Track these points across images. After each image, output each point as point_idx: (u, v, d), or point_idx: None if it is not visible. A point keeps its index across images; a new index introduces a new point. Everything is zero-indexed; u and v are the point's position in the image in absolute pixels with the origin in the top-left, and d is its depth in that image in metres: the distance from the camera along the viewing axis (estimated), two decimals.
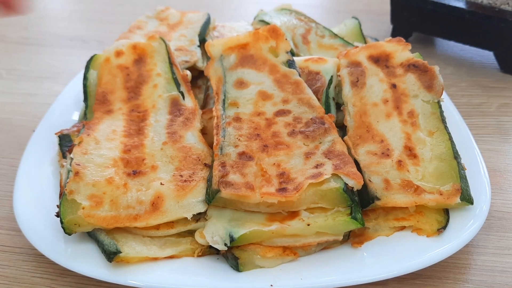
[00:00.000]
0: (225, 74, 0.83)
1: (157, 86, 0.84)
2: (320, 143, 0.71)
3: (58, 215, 0.67)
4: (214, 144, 0.72)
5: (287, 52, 0.85)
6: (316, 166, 0.67)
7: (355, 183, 0.65)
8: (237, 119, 0.75)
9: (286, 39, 0.86)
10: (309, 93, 0.79)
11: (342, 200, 0.65)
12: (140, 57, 0.88)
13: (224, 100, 0.78)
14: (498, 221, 0.76)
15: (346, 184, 0.65)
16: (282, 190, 0.64)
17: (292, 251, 0.65)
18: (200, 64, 0.95)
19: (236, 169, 0.67)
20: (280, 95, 0.78)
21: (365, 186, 0.67)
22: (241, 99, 0.78)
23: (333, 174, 0.65)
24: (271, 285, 0.62)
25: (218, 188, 0.64)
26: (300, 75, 0.82)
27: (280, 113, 0.76)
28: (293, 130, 0.73)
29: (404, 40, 0.87)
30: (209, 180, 0.69)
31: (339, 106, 0.84)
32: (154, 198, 0.68)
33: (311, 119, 0.74)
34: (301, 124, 0.74)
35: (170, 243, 0.68)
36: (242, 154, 0.69)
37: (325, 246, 0.68)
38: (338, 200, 0.65)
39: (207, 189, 0.68)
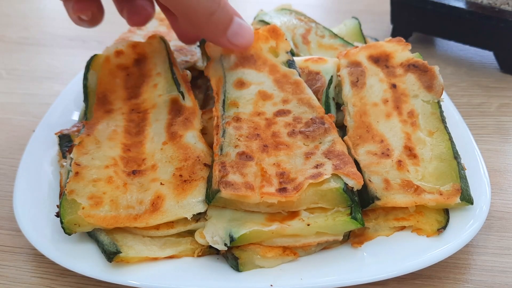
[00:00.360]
0: (225, 74, 0.82)
1: (157, 86, 0.84)
2: (320, 143, 0.71)
3: (58, 215, 0.67)
4: (214, 144, 0.72)
5: (287, 52, 0.85)
6: (316, 166, 0.67)
7: (355, 183, 0.65)
8: (237, 119, 0.75)
9: (286, 39, 0.85)
10: (309, 93, 0.78)
11: (342, 200, 0.65)
12: (140, 57, 0.88)
13: (224, 101, 0.78)
14: (498, 221, 0.76)
15: (346, 184, 0.65)
16: (282, 190, 0.64)
17: (292, 251, 0.65)
18: (200, 64, 0.95)
19: (236, 169, 0.67)
20: (280, 95, 0.78)
21: (365, 186, 0.67)
22: (241, 99, 0.78)
23: (333, 174, 0.65)
24: (271, 285, 0.62)
25: (218, 188, 0.64)
26: (300, 75, 0.82)
27: (280, 113, 0.76)
28: (293, 130, 0.73)
29: (404, 40, 0.87)
30: (209, 180, 0.69)
31: (339, 106, 0.84)
32: (154, 198, 0.68)
33: (311, 119, 0.74)
34: (301, 124, 0.74)
35: (170, 243, 0.68)
36: (242, 154, 0.69)
37: (325, 246, 0.68)
38: (338, 200, 0.65)
39: (207, 189, 0.68)
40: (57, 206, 0.69)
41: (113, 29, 0.97)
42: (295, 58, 0.86)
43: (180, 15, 0.75)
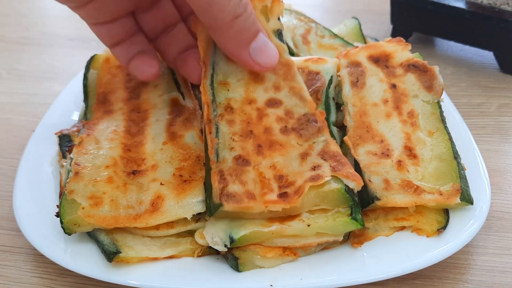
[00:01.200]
0: None
1: (157, 86, 0.84)
2: (314, 143, 0.70)
3: (58, 215, 0.67)
4: (209, 148, 0.69)
5: (278, 19, 0.77)
6: (314, 168, 0.66)
7: (355, 185, 0.65)
8: (229, 108, 0.72)
9: (282, 1, 0.77)
10: (299, 81, 0.76)
11: (343, 200, 0.65)
12: None
13: (212, 76, 0.74)
14: (498, 221, 0.76)
15: (346, 184, 0.65)
16: (283, 194, 0.64)
17: (292, 252, 0.65)
18: None
19: (235, 177, 0.65)
20: (271, 78, 0.75)
21: (365, 186, 0.67)
22: (231, 78, 0.74)
23: (332, 176, 0.65)
24: (271, 285, 0.62)
25: (220, 202, 0.63)
26: (289, 52, 0.78)
27: (272, 103, 0.73)
28: (285, 126, 0.71)
29: (404, 40, 0.87)
30: (207, 189, 0.67)
31: (339, 106, 0.84)
32: (154, 198, 0.68)
33: (303, 115, 0.72)
34: (293, 120, 0.72)
35: (170, 243, 0.68)
36: (238, 158, 0.67)
37: (325, 246, 0.68)
38: (340, 200, 0.65)
39: (206, 199, 0.67)
40: (57, 206, 0.69)
41: None
42: (294, 58, 0.85)
43: (203, 11, 0.67)
